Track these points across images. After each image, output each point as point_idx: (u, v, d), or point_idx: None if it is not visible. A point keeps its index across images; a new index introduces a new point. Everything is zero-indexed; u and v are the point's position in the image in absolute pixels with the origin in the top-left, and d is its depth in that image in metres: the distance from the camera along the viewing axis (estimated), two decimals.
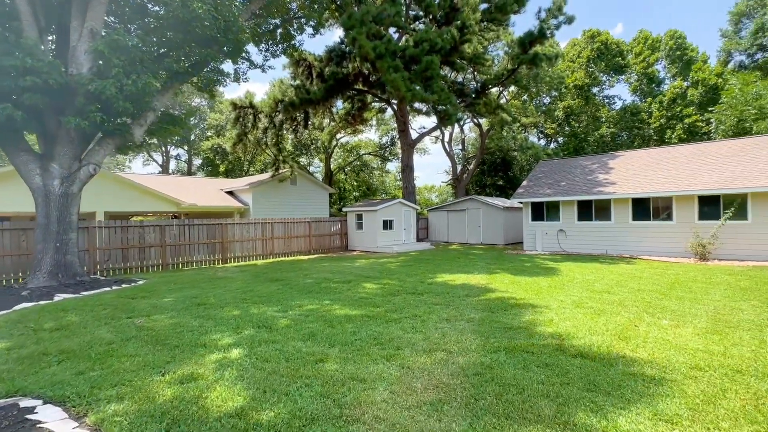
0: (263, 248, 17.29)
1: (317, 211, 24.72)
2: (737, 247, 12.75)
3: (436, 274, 10.68)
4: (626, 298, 7.11)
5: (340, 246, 20.63)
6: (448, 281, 9.49)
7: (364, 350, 4.59)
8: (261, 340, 5.09)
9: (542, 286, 8.63)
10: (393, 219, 20.02)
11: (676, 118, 36.07)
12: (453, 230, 24.24)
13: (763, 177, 12.61)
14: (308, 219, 19.29)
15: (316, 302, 7.37)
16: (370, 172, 48.93)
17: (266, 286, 9.44)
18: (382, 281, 9.66)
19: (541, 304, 6.75)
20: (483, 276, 10.28)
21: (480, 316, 6.05)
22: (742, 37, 28.47)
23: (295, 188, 23.72)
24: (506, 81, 21.26)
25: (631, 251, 14.86)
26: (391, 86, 13.88)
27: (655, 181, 14.86)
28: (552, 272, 10.78)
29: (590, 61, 38.37)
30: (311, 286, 9.14)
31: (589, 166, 18.55)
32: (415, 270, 11.67)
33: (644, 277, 9.56)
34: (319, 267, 13.08)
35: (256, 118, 20.47)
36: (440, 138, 39.66)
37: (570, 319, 5.78)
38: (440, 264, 13.12)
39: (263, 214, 21.26)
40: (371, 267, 12.69)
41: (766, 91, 19.18)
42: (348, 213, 20.85)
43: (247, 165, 44.18)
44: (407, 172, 23.02)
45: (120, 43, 8.90)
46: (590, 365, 3.96)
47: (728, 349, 4.35)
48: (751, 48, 26.39)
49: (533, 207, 17.63)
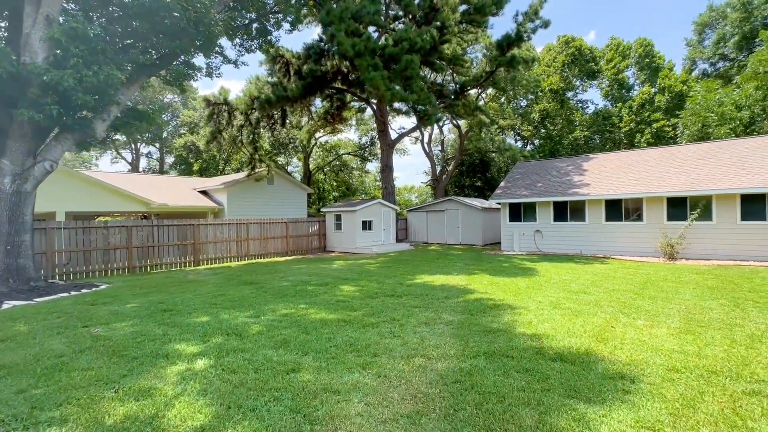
0: (238, 250, 16.73)
1: (295, 211, 24.24)
2: (703, 247, 13.26)
3: (415, 276, 10.55)
4: (602, 299, 7.18)
5: (319, 247, 20.26)
6: (427, 282, 9.38)
7: (340, 358, 4.37)
8: (230, 348, 4.78)
9: (520, 286, 8.64)
10: (372, 219, 19.82)
11: (644, 122, 37.54)
12: (432, 231, 24.28)
13: (726, 179, 13.17)
14: (285, 219, 18.83)
15: (291, 306, 7.08)
16: (350, 172, 48.55)
17: (239, 289, 9.04)
18: (361, 283, 9.45)
19: (520, 305, 6.72)
20: (462, 277, 10.23)
21: (459, 319, 5.94)
22: (705, 46, 29.90)
23: (272, 188, 23.15)
24: (485, 83, 21.46)
25: (604, 251, 15.23)
26: (370, 85, 13.67)
27: (626, 183, 15.30)
28: (529, 272, 10.86)
29: (565, 66, 39.41)
30: (287, 290, 8.82)
31: (564, 168, 18.94)
32: (394, 271, 11.52)
33: (617, 277, 9.75)
34: (296, 269, 12.72)
35: (231, 115, 19.82)
36: (420, 139, 39.81)
37: (548, 320, 5.75)
38: (419, 265, 13.02)
39: (239, 215, 20.63)
40: (350, 268, 12.45)
41: (726, 99, 20.14)
42: (326, 213, 20.51)
43: (223, 164, 42.96)
44: (386, 173, 22.88)
45: (79, 31, 8.31)
46: (570, 369, 3.88)
47: (702, 350, 4.39)
48: (713, 57, 27.76)
49: (511, 208, 17.83)
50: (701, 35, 30.03)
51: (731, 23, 24.01)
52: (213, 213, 21.22)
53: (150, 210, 19.16)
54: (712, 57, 27.76)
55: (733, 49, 24.61)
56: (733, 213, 12.95)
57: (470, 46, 28.89)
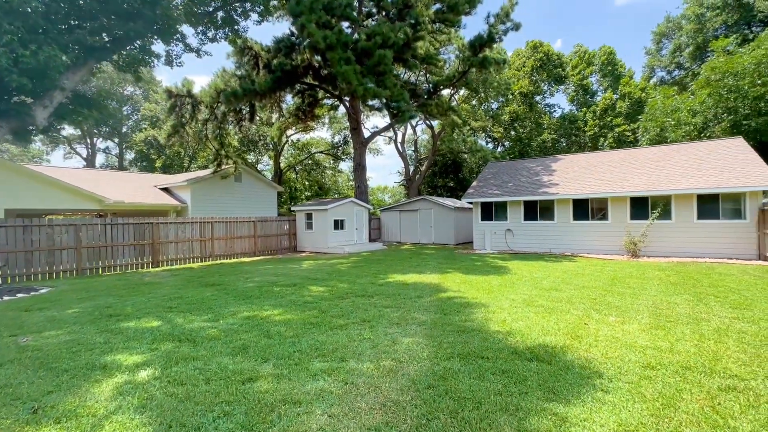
0: (202, 250, 15.84)
1: (265, 210, 23.39)
2: (663, 245, 13.80)
3: (387, 275, 10.27)
4: (573, 296, 7.17)
5: (289, 247, 19.61)
6: (400, 282, 9.11)
7: (303, 364, 4.00)
8: (180, 356, 4.29)
9: (493, 284, 8.54)
10: (344, 218, 19.41)
11: (607, 127, 39.22)
12: (405, 230, 24.15)
13: (684, 180, 13.78)
14: (253, 218, 18.06)
15: (254, 309, 6.59)
16: (322, 171, 47.77)
17: (199, 291, 8.42)
18: (331, 283, 9.06)
19: (493, 304, 6.57)
20: (435, 276, 10.05)
21: (432, 319, 5.70)
22: (662, 55, 31.59)
23: (240, 186, 22.22)
24: (457, 83, 21.56)
25: (572, 249, 15.58)
26: (342, 79, 13.27)
27: (593, 183, 15.73)
28: (502, 271, 10.85)
29: (534, 70, 40.52)
30: (251, 291, 8.29)
31: (534, 168, 19.30)
32: (366, 271, 11.19)
33: (586, 274, 9.88)
34: (263, 269, 12.13)
35: (196, 108, 18.80)
36: (393, 138, 39.72)
37: (522, 318, 5.61)
38: (392, 264, 12.76)
39: (203, 213, 19.62)
40: (320, 268, 12.00)
41: (682, 105, 21.25)
42: (297, 212, 19.88)
43: (188, 161, 41.06)
44: (359, 171, 22.51)
45: (14, 4, 7.44)
46: (547, 370, 3.71)
47: (674, 345, 4.35)
48: (670, 65, 29.35)
49: (483, 207, 17.95)
50: (659, 44, 31.74)
51: (686, 34, 25.51)
52: (176, 211, 20.07)
53: (106, 208, 17.83)
54: (669, 65, 29.35)
55: (688, 58, 26.13)
56: (690, 212, 13.55)
57: (443, 47, 29.06)
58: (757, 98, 17.19)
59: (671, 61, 28.73)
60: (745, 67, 17.15)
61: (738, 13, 21.38)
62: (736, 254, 12.74)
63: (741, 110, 17.75)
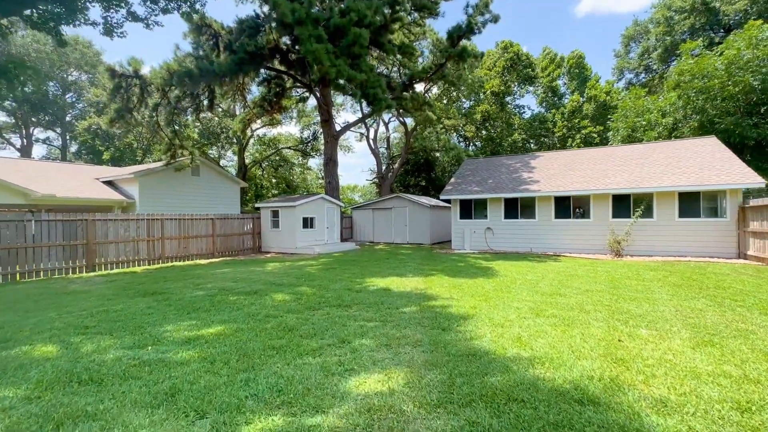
0: (150, 251, 13.85)
1: (226, 207, 21.40)
2: (645, 244, 13.48)
3: (364, 279, 9.02)
4: (583, 302, 6.26)
5: (253, 248, 17.86)
6: (380, 287, 7.89)
7: (256, 421, 2.68)
8: (68, 413, 2.83)
9: (486, 289, 7.52)
10: (314, 216, 17.93)
11: (575, 128, 40.02)
12: (379, 229, 22.98)
13: (666, 177, 13.53)
14: (212, 216, 16.20)
15: (198, 327, 5.14)
16: (290, 168, 45.66)
17: (133, 303, 6.78)
18: (299, 290, 7.68)
19: (497, 314, 5.51)
20: (418, 279, 8.91)
21: (429, 337, 4.52)
22: (631, 58, 32.45)
23: (198, 180, 20.14)
24: (434, 75, 20.64)
25: (554, 249, 15.02)
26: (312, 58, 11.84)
27: (574, 180, 15.26)
28: (489, 272, 9.90)
29: (505, 70, 40.65)
30: (200, 301, 6.76)
31: (513, 165, 18.73)
32: (340, 274, 9.87)
33: (581, 275, 9.12)
34: (221, 273, 10.50)
35: (145, 91, 16.63)
36: (365, 135, 38.49)
37: (540, 334, 4.56)
38: (368, 266, 11.52)
39: (154, 210, 17.45)
40: (287, 272, 10.54)
41: (652, 106, 21.52)
42: (262, 209, 18.17)
43: (142, 154, 37.69)
44: (330, 166, 21.08)
45: None
46: (615, 421, 2.62)
47: (746, 371, 3.42)
48: (639, 67, 30.13)
49: (462, 205, 17.10)
50: (627, 47, 32.62)
51: (655, 36, 26.17)
52: (121, 207, 17.73)
53: (35, 203, 15.31)
54: (637, 68, 30.12)
55: (657, 60, 26.83)
56: (672, 210, 13.30)
57: (417, 40, 28.21)
58: (725, 99, 17.47)
59: (639, 63, 29.48)
60: (717, 68, 17.39)
61: (705, 17, 22.10)
62: (717, 253, 12.58)
63: (709, 111, 18.02)
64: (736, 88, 16.66)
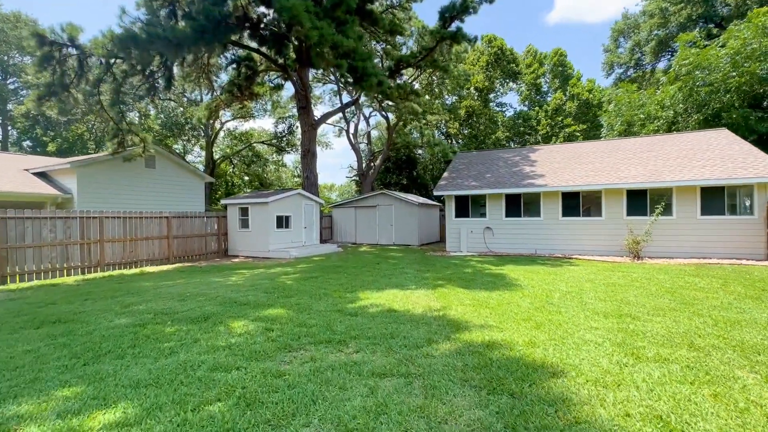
0: (85, 257, 11.21)
1: (189, 205, 18.70)
2: (664, 245, 12.11)
3: (357, 293, 6.97)
4: (671, 329, 4.48)
5: (218, 251, 15.38)
6: (380, 306, 5.87)
7: None
8: None
9: (524, 307, 5.66)
10: (290, 215, 15.66)
11: (558, 126, 39.40)
12: (362, 229, 20.92)
13: (686, 171, 12.22)
14: (167, 214, 13.65)
15: (80, 407, 2.94)
16: (264, 164, 42.73)
17: (10, 340, 4.44)
18: (270, 313, 5.54)
19: (574, 358, 3.61)
20: (426, 293, 6.96)
21: (503, 422, 2.55)
22: (620, 53, 31.89)
23: (154, 173, 17.38)
24: (423, 60, 18.78)
25: (562, 250, 13.47)
26: (288, 18, 9.63)
27: (583, 174, 13.78)
28: (508, 282, 8.08)
29: (489, 65, 39.50)
30: (116, 338, 4.51)
31: (511, 159, 17.14)
32: (323, 285, 7.77)
33: (622, 284, 7.44)
34: (169, 286, 8.15)
35: (84, 64, 13.86)
36: (345, 129, 36.33)
37: (688, 408, 2.68)
38: (357, 274, 9.46)
39: (99, 206, 14.62)
40: (255, 283, 8.32)
41: (649, 100, 20.57)
42: (229, 206, 15.71)
43: (95, 146, 33.84)
44: (308, 159, 18.83)
45: None
46: None
47: None
48: (629, 62, 29.52)
49: (457, 201, 15.31)
50: (616, 42, 32.06)
51: (647, 29, 25.51)
52: (55, 204, 14.79)
53: None
54: (628, 62, 29.49)
55: (650, 53, 26.17)
56: (693, 207, 12.00)
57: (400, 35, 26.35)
58: (730, 91, 16.56)
59: (630, 58, 28.84)
60: (721, 58, 16.45)
61: (701, 8, 21.47)
62: (743, 254, 11.33)
63: (713, 105, 17.08)
64: (742, 79, 15.74)
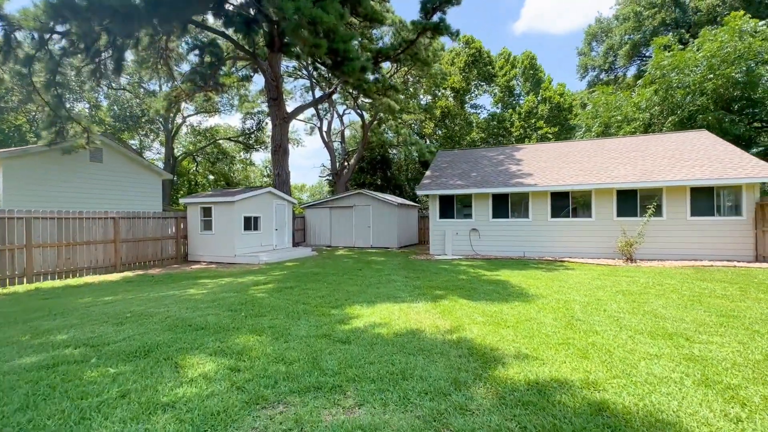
0: (6, 265, 9.28)
1: (144, 204, 16.66)
2: (655, 246, 11.75)
3: (343, 308, 5.79)
4: (741, 353, 3.66)
5: (176, 256, 13.62)
6: (376, 327, 4.73)
7: None
8: None
9: (548, 324, 4.71)
10: (260, 215, 14.17)
11: (531, 128, 39.83)
12: (337, 231, 19.64)
13: (676, 171, 11.94)
14: (114, 214, 11.81)
15: None
16: (230, 162, 40.33)
17: None
18: (236, 343, 4.25)
19: (666, 407, 2.65)
20: (426, 306, 5.89)
21: None
22: (594, 55, 32.47)
23: (101, 168, 15.28)
24: (404, 53, 17.82)
25: (552, 253, 12.87)
26: None
27: (572, 174, 13.27)
28: (513, 290, 7.17)
29: (466, 65, 39.32)
30: (3, 392, 3.10)
31: (495, 158, 16.49)
32: (302, 299, 6.51)
33: (636, 292, 6.73)
34: (105, 304, 6.59)
35: (11, 39, 11.75)
36: (318, 126, 34.81)
37: None
38: (339, 283, 8.25)
39: (29, 205, 12.46)
40: (218, 298, 6.92)
41: (625, 102, 20.71)
42: (189, 206, 13.99)
43: (35, 139, 30.32)
44: (280, 155, 17.35)
45: None
46: None
47: None
48: (604, 65, 30.04)
49: (441, 201, 14.42)
50: (589, 45, 32.64)
51: (624, 32, 25.98)
52: None
53: None
54: (602, 65, 30.00)
55: (624, 57, 26.66)
56: (683, 208, 11.72)
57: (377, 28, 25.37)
58: (705, 94, 16.76)
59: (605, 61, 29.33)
60: (698, 61, 16.61)
61: (675, 13, 21.98)
62: (732, 256, 11.14)
63: (688, 107, 17.25)
64: (718, 82, 15.92)
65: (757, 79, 15.37)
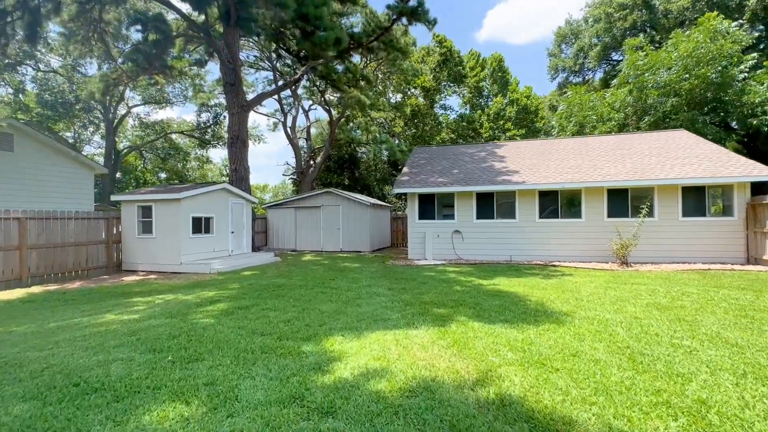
0: None
1: (71, 202, 13.91)
2: (648, 249, 11.08)
3: (319, 342, 4.20)
4: None
5: (107, 265, 11.26)
6: (369, 378, 3.21)
7: None
8: None
9: (608, 363, 3.42)
10: (212, 216, 12.13)
11: (500, 129, 39.86)
12: (303, 234, 17.82)
13: (668, 169, 11.37)
14: (20, 214, 9.39)
15: None
16: (184, 158, 36.98)
17: None
18: (143, 426, 2.57)
19: None
20: (430, 335, 4.44)
21: None
22: (564, 58, 32.74)
23: (12, 158, 12.53)
24: (377, 41, 16.39)
25: (541, 256, 11.91)
26: None
27: (561, 171, 12.42)
28: (528, 307, 5.90)
29: (438, 65, 38.65)
30: None
31: (477, 154, 15.44)
32: (261, 326, 4.83)
33: (666, 306, 5.69)
34: None
35: None
36: (282, 122, 32.64)
37: None
38: (309, 300, 6.61)
39: None
40: (142, 328, 5.06)
41: (599, 101, 20.57)
42: (124, 204, 11.66)
43: None
44: (237, 147, 15.30)
45: None
46: None
47: None
48: (574, 66, 30.24)
49: (421, 200, 13.11)
50: (560, 47, 32.90)
51: (596, 34, 26.13)
52: None
53: None
54: (573, 66, 30.20)
55: (594, 58, 26.84)
56: (674, 208, 11.14)
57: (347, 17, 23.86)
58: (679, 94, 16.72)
59: (575, 62, 29.53)
60: (674, 61, 16.53)
61: (646, 15, 22.27)
62: (723, 258, 10.66)
63: (662, 108, 17.18)
64: (695, 82, 15.88)
65: (730, 80, 15.46)
